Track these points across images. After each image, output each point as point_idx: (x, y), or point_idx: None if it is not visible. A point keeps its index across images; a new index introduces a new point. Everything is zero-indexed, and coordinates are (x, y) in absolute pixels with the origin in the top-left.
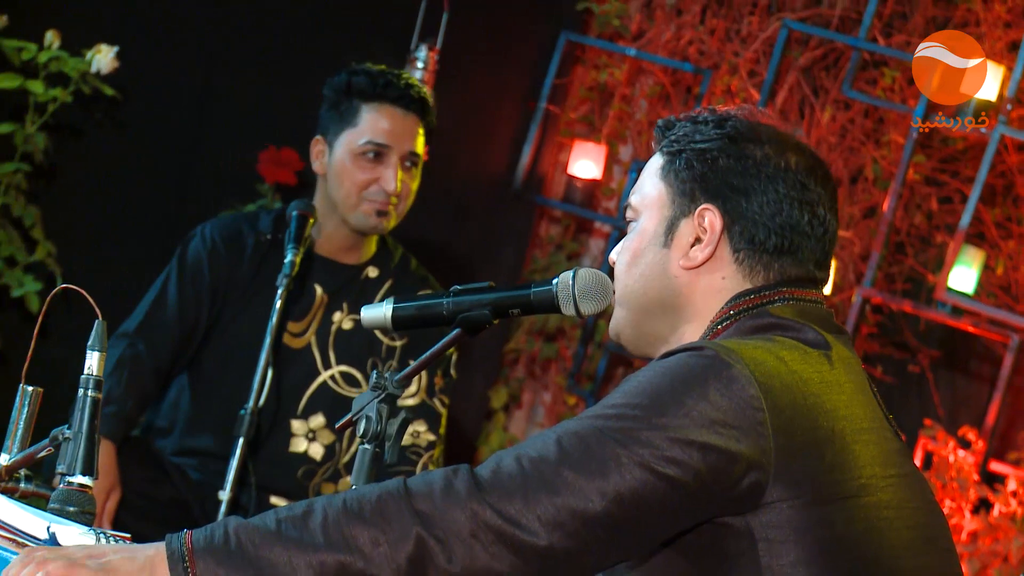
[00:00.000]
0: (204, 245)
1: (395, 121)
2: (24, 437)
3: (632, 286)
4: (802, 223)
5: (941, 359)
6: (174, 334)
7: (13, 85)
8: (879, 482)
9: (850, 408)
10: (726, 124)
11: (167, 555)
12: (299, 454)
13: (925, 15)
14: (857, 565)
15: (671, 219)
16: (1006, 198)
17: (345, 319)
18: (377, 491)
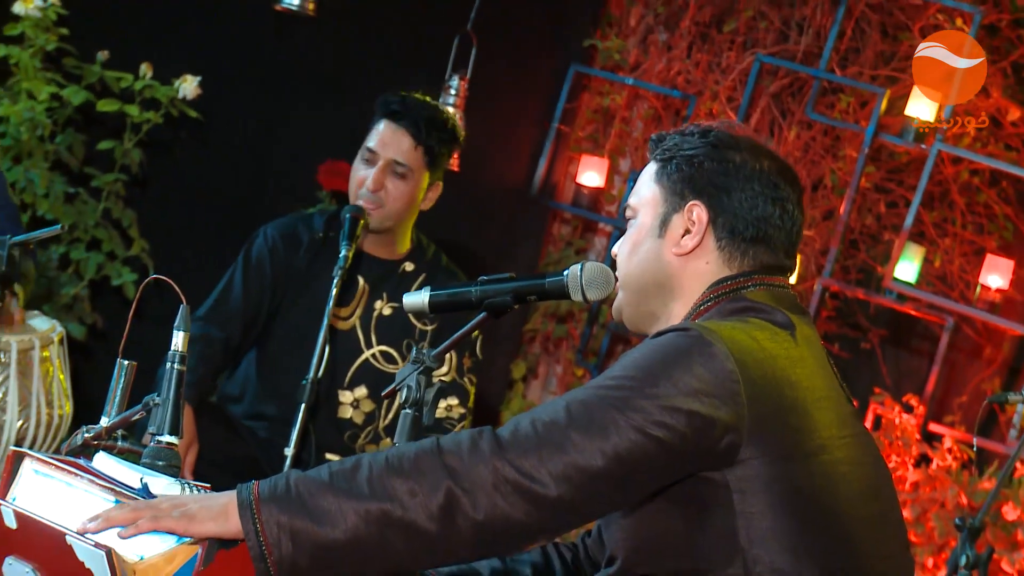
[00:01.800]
0: (266, 243)
1: (387, 132)
2: (121, 403)
3: (632, 271)
4: (774, 216)
5: (888, 338)
6: (240, 317)
7: (113, 109)
8: (835, 442)
9: (811, 380)
10: (709, 134)
11: (238, 503)
12: (345, 419)
13: (875, 50)
14: (816, 511)
15: (664, 214)
16: (943, 203)
17: (385, 306)
18: (414, 449)
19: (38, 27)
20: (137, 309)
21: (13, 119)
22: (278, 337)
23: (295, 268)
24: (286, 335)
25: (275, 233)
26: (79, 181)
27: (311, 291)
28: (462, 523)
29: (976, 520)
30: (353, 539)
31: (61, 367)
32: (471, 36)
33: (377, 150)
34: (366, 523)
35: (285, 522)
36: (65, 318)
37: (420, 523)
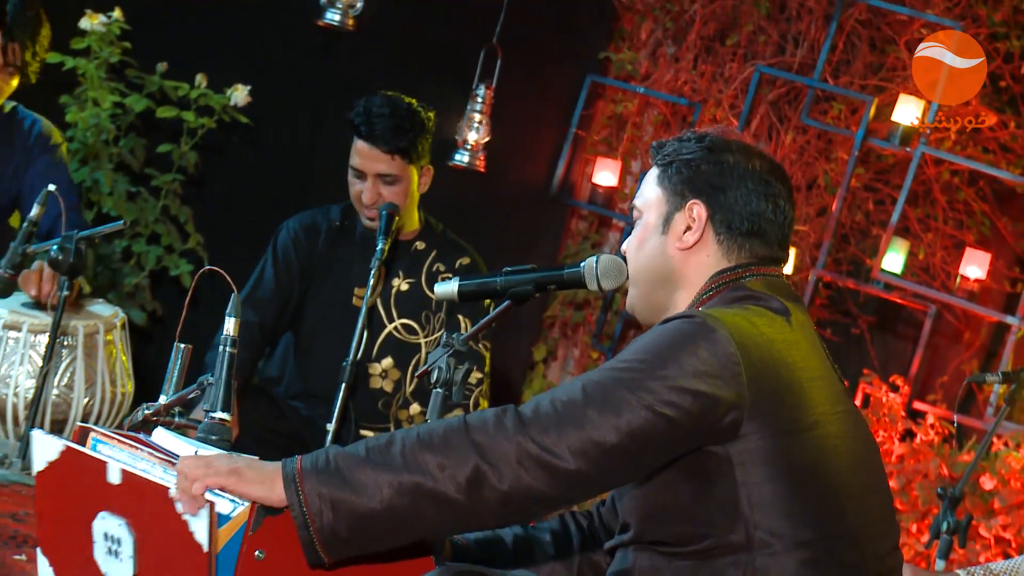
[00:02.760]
0: (289, 236)
1: (364, 151)
2: (178, 383)
3: (640, 266)
4: (767, 211)
5: (876, 323)
6: (273, 303)
7: (171, 115)
8: (828, 418)
9: (805, 361)
10: (705, 139)
11: (283, 476)
12: (377, 389)
13: (864, 61)
14: (810, 480)
15: (667, 213)
16: (926, 201)
17: (402, 283)
18: (443, 426)
19: (103, 41)
20: (192, 297)
21: (81, 125)
22: (309, 319)
23: (317, 255)
24: (316, 317)
25: (296, 226)
26: (140, 181)
27: (334, 274)
28: (488, 494)
29: (956, 490)
30: (388, 509)
31: (123, 349)
32: (496, 49)
33: (362, 168)
34: (400, 494)
35: (326, 493)
36: (127, 305)
37: (449, 494)
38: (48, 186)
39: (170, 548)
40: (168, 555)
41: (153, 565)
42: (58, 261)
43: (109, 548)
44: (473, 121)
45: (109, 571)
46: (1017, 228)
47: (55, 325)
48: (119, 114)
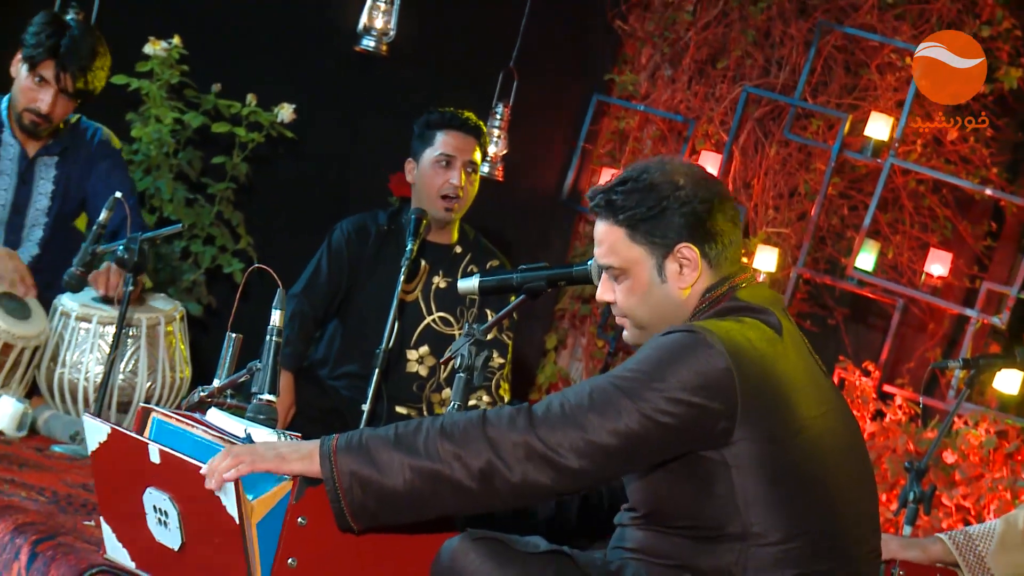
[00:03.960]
0: (343, 235)
1: (458, 140)
2: (230, 368)
3: (649, 316)
4: (730, 228)
5: (850, 315)
6: (325, 294)
7: (225, 130)
8: (814, 422)
9: (795, 371)
10: (658, 186)
11: (319, 452)
12: (413, 373)
13: (840, 82)
14: (799, 480)
15: (658, 264)
16: (894, 207)
17: (441, 281)
18: (464, 419)
19: (164, 64)
20: (243, 292)
21: (144, 139)
22: (355, 310)
23: (366, 254)
24: (361, 308)
25: (350, 227)
26: (197, 189)
27: (379, 272)
28: (499, 485)
29: (921, 463)
30: (409, 490)
31: (182, 339)
32: (513, 72)
33: (454, 155)
34: (420, 478)
35: (356, 470)
36: (185, 299)
37: (464, 482)
38: (115, 193)
39: (208, 519)
40: (208, 525)
41: (197, 533)
42: (124, 260)
43: (158, 519)
44: (492, 135)
45: (161, 538)
46: (976, 231)
47: (121, 317)
48: (178, 129)
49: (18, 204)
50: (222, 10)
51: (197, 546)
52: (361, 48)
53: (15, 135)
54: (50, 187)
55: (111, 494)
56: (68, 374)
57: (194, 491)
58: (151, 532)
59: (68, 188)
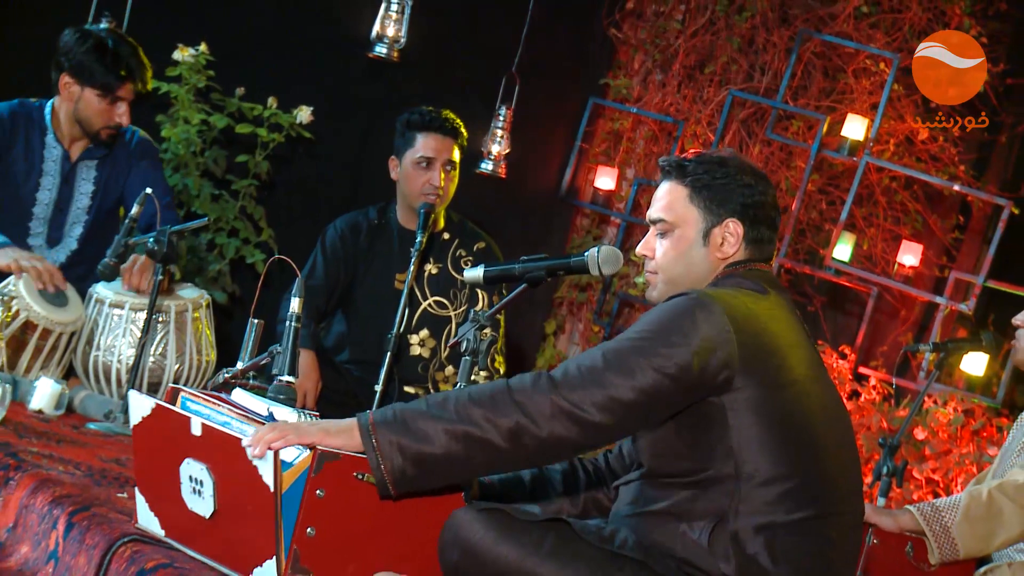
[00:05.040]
0: (336, 233)
1: (436, 141)
2: (252, 352)
3: (681, 271)
4: (776, 221)
5: (828, 303)
6: (322, 288)
7: (247, 131)
8: (806, 379)
9: (784, 331)
10: (727, 164)
11: (359, 428)
12: (416, 356)
13: (819, 86)
14: (789, 425)
15: (705, 229)
16: (869, 201)
17: (432, 267)
18: (490, 387)
19: (191, 69)
20: (264, 281)
21: (173, 139)
22: (356, 301)
23: (360, 248)
24: (364, 299)
25: (343, 225)
26: (222, 185)
27: (375, 263)
28: (528, 442)
29: (894, 440)
30: (446, 453)
31: (208, 324)
32: (515, 76)
33: (433, 156)
34: (455, 441)
35: (395, 440)
36: (211, 288)
37: (495, 442)
38: (146, 189)
39: (243, 488)
40: (242, 494)
41: (230, 502)
42: (154, 251)
43: (193, 488)
44: (496, 136)
45: (194, 507)
46: (944, 224)
47: (151, 304)
48: (205, 130)
49: (60, 203)
50: (246, 19)
51: (228, 514)
52: (374, 54)
53: (58, 139)
54: (91, 187)
55: (148, 466)
56: (102, 357)
57: (231, 462)
58: (184, 501)
59: (108, 187)
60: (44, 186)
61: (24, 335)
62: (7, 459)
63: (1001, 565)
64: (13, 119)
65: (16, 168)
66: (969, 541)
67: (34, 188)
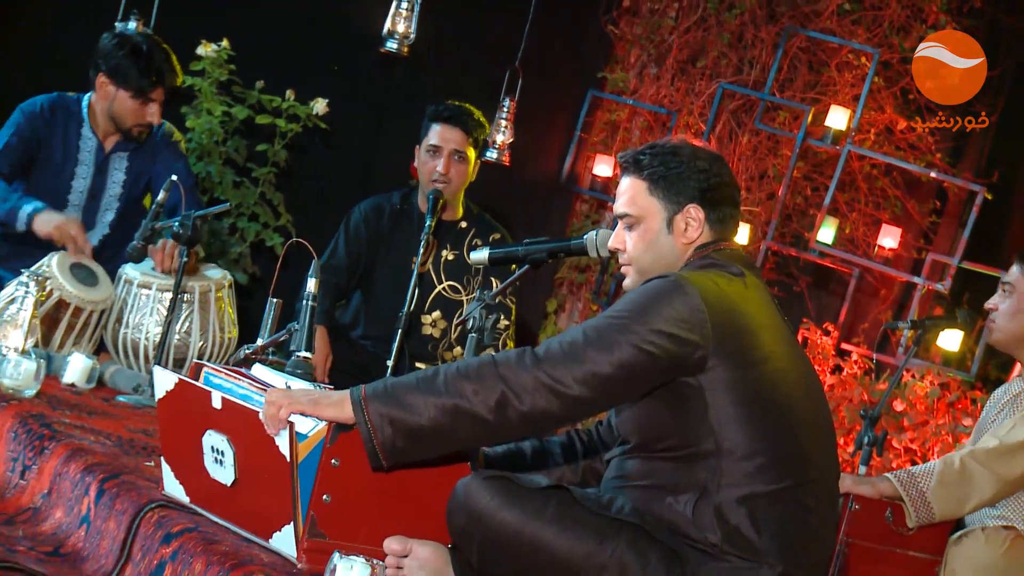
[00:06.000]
0: (360, 216)
1: (444, 131)
2: (271, 329)
3: (650, 262)
4: (731, 204)
5: (812, 283)
6: (344, 268)
7: (267, 121)
8: (778, 355)
9: (757, 311)
10: (679, 152)
11: (351, 401)
12: (428, 335)
13: (804, 79)
14: (764, 403)
15: (668, 218)
16: (851, 188)
17: (448, 254)
18: (476, 362)
19: (214, 63)
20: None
21: (197, 129)
22: (375, 280)
23: (382, 230)
24: (383, 278)
25: (367, 208)
26: (243, 173)
27: (395, 246)
28: (512, 414)
29: (875, 411)
30: (434, 425)
31: (230, 303)
32: (518, 70)
33: (440, 145)
34: (443, 413)
35: (385, 412)
36: (233, 269)
37: (481, 414)
38: (171, 176)
39: (262, 458)
40: (260, 464)
41: (249, 471)
42: (179, 234)
43: (215, 458)
44: (500, 126)
45: (216, 475)
46: (922, 208)
47: (177, 285)
48: (227, 121)
49: (94, 191)
50: (265, 16)
51: (248, 481)
52: (385, 49)
53: (94, 131)
54: (122, 176)
55: (173, 436)
56: (131, 334)
57: (250, 433)
58: (207, 470)
59: (137, 176)
60: (79, 175)
61: (57, 313)
62: (42, 429)
63: (975, 529)
64: (52, 111)
65: (54, 157)
66: (944, 505)
67: (70, 176)
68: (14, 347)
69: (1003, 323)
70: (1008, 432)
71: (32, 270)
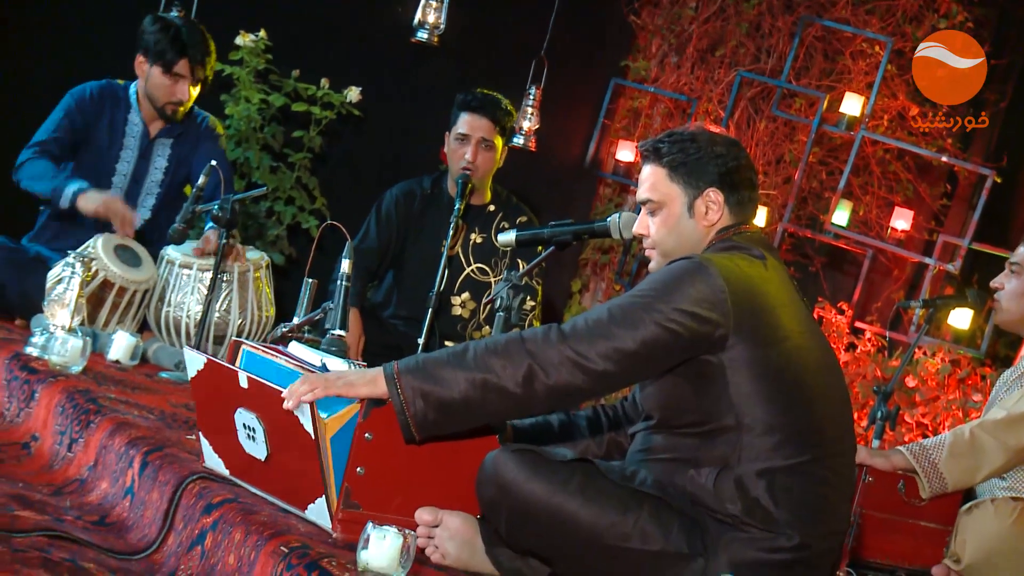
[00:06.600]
0: (392, 200)
1: (472, 120)
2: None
3: (674, 245)
4: (749, 187)
5: (827, 263)
6: (375, 251)
7: (302, 109)
8: (796, 334)
9: (777, 292)
10: (697, 139)
11: (384, 376)
12: (457, 316)
13: (819, 67)
14: (783, 379)
15: (688, 203)
16: (865, 172)
17: (477, 237)
18: (504, 338)
19: (252, 53)
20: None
21: (236, 116)
22: (407, 261)
23: (413, 214)
24: (412, 260)
25: (398, 192)
26: (280, 158)
27: (426, 230)
28: (539, 388)
29: (888, 387)
30: (464, 398)
31: (267, 283)
32: (543, 60)
33: (468, 133)
34: (473, 387)
35: (417, 386)
36: (270, 250)
37: (510, 388)
38: (211, 161)
39: (289, 434)
40: (288, 439)
41: (280, 447)
42: (218, 217)
43: (248, 434)
44: (526, 113)
45: (250, 451)
46: (933, 192)
47: (216, 265)
48: (264, 108)
49: (137, 175)
50: (301, 7)
51: (280, 457)
52: (416, 39)
53: (141, 117)
54: (164, 163)
55: (208, 413)
56: (173, 312)
57: (276, 411)
58: (241, 446)
59: (179, 164)
60: (124, 158)
61: (102, 293)
62: (88, 404)
63: (984, 501)
64: (101, 96)
65: (100, 141)
66: (956, 475)
67: (114, 160)
68: (61, 325)
69: (1009, 303)
70: (1016, 403)
71: (78, 252)
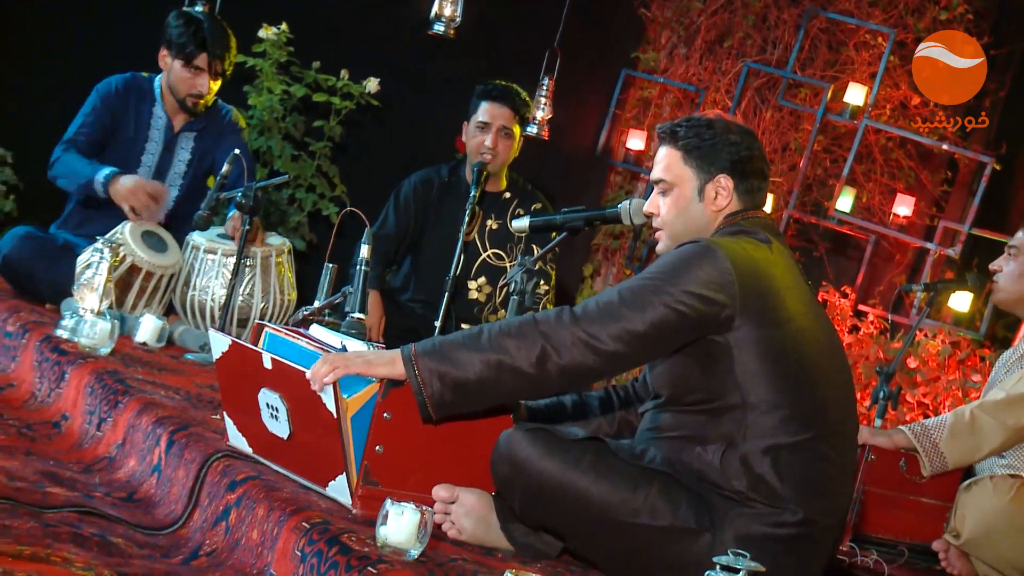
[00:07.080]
0: (410, 187)
1: (493, 108)
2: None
3: (682, 227)
4: (760, 176)
5: (831, 248)
6: (392, 238)
7: (323, 99)
8: (801, 316)
9: (782, 275)
10: (714, 125)
11: (402, 357)
12: (473, 300)
13: (824, 58)
14: (788, 359)
15: (699, 186)
16: (868, 159)
17: (493, 223)
18: (518, 320)
19: (274, 45)
20: (338, 230)
21: (258, 107)
22: (424, 247)
23: (431, 201)
24: (430, 246)
25: (416, 180)
26: (301, 147)
27: (444, 216)
28: (551, 368)
29: (890, 368)
30: (479, 379)
31: (289, 268)
32: (556, 51)
33: (489, 121)
34: (488, 368)
35: (434, 367)
36: (292, 236)
37: (523, 368)
38: (234, 150)
39: (311, 414)
40: (311, 419)
41: (302, 426)
42: (242, 204)
43: (271, 414)
44: (540, 103)
45: (273, 430)
46: (934, 179)
47: (240, 250)
48: (286, 99)
49: (161, 167)
50: (322, 2)
51: (302, 436)
52: (433, 32)
53: (165, 110)
54: (188, 156)
55: (232, 394)
56: (198, 296)
57: (299, 391)
58: (265, 425)
59: (202, 157)
60: (148, 151)
61: (130, 277)
62: (116, 385)
63: (984, 478)
64: (127, 89)
65: (126, 133)
66: (957, 454)
67: (140, 152)
68: (90, 309)
69: (1007, 284)
70: (1015, 384)
71: (106, 237)
